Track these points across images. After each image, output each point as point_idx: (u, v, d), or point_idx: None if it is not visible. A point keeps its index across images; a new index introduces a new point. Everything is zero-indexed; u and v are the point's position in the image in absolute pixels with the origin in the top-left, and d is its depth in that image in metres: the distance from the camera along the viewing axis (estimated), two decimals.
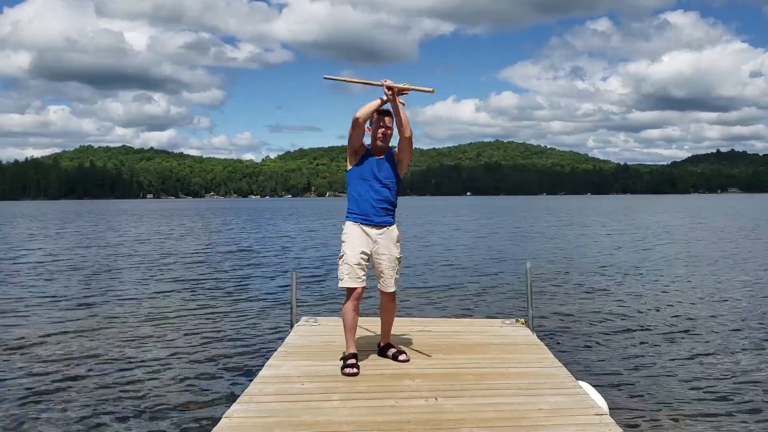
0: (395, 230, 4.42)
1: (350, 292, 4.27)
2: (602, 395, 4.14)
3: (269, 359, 4.48)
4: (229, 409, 3.42)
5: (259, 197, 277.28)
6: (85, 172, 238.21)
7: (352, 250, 4.26)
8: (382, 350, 4.55)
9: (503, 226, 35.32)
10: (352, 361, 4.14)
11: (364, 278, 4.28)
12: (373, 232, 4.32)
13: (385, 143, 4.38)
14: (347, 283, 4.24)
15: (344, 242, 4.32)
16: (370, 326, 5.18)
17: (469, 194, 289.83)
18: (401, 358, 4.40)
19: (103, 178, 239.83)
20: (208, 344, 7.51)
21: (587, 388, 4.01)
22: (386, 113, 4.37)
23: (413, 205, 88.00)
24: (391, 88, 4.20)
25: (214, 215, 58.52)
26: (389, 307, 4.51)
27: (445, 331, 5.42)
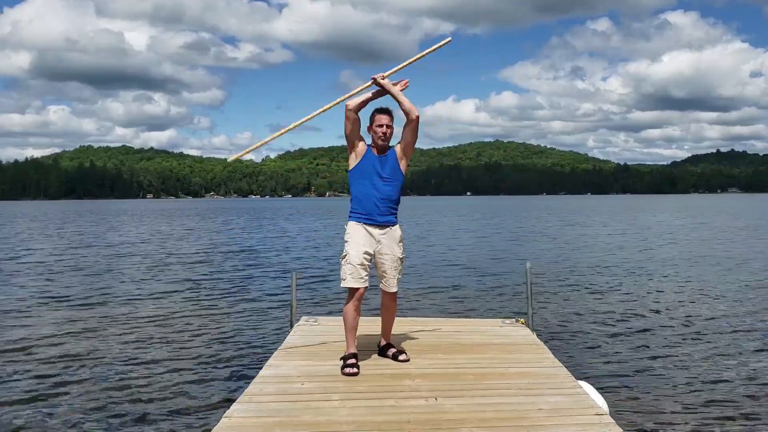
0: (398, 230, 4.41)
1: (352, 292, 4.26)
2: (602, 395, 4.14)
3: (269, 359, 4.48)
4: (229, 409, 3.42)
5: (259, 197, 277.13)
6: (85, 172, 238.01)
7: (355, 250, 4.25)
8: (382, 350, 4.55)
9: (503, 226, 35.31)
10: (352, 361, 4.14)
11: (367, 278, 4.27)
12: (376, 232, 4.31)
13: (386, 142, 4.37)
14: (350, 283, 4.23)
15: (347, 242, 4.31)
16: (370, 326, 5.18)
17: (469, 194, 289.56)
18: (401, 358, 4.40)
19: (103, 178, 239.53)
20: (208, 344, 7.51)
21: (587, 388, 4.01)
22: (385, 111, 4.37)
23: (413, 205, 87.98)
24: (378, 82, 4.28)
25: (214, 215, 58.52)
26: (390, 306, 4.50)
27: (445, 331, 5.42)
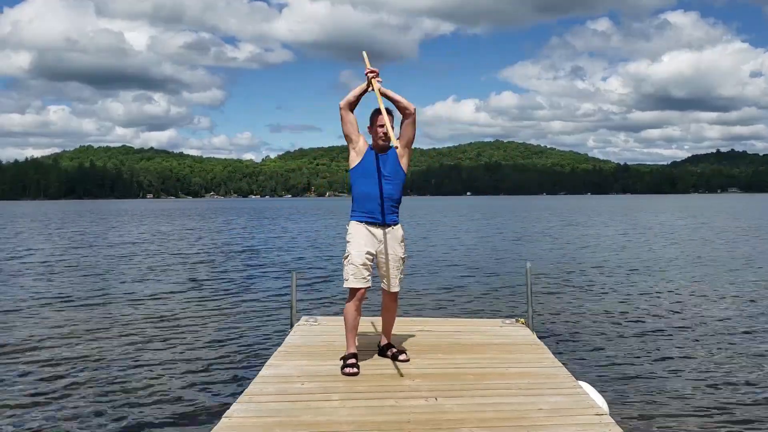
0: (400, 230, 4.41)
1: (354, 292, 4.25)
2: (602, 395, 4.14)
3: (269, 359, 4.48)
4: (229, 409, 3.42)
5: (259, 197, 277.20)
6: (85, 172, 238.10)
7: (357, 250, 4.24)
8: (382, 350, 4.55)
9: (503, 226, 35.31)
10: (352, 360, 4.13)
11: (369, 278, 4.26)
12: (378, 232, 4.31)
13: (386, 141, 4.36)
14: (353, 283, 4.22)
15: (349, 242, 4.30)
16: (370, 326, 5.18)
17: (469, 194, 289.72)
18: (401, 358, 4.39)
19: (103, 178, 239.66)
20: (208, 344, 7.51)
21: (587, 388, 4.01)
22: (386, 112, 4.37)
23: (413, 205, 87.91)
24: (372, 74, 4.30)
25: (214, 215, 58.51)
26: (391, 306, 4.50)
27: (445, 331, 5.42)
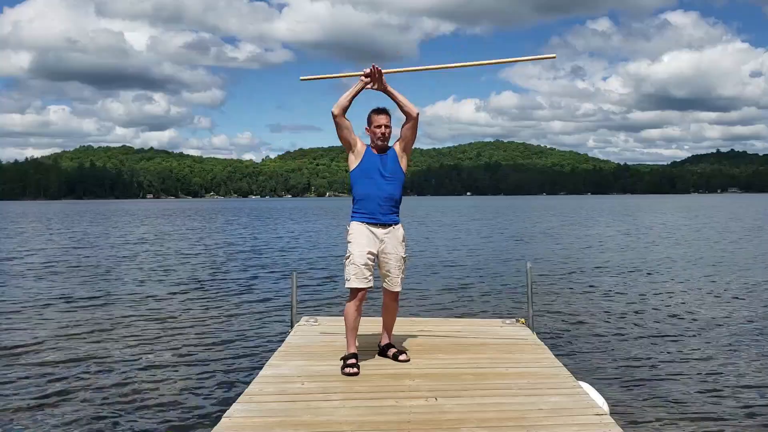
0: (400, 229, 4.42)
1: (354, 292, 4.25)
2: (602, 395, 4.14)
3: (269, 359, 4.48)
4: (229, 409, 3.42)
5: (259, 197, 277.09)
6: (85, 172, 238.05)
7: (359, 250, 4.24)
8: (382, 350, 4.55)
9: (503, 226, 35.31)
10: (352, 361, 4.13)
11: (371, 279, 4.27)
12: (379, 231, 4.31)
13: (385, 142, 4.38)
14: (354, 283, 4.22)
15: (350, 242, 4.30)
16: (370, 326, 5.18)
17: (469, 194, 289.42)
18: (401, 358, 4.39)
19: (103, 178, 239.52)
20: (208, 344, 7.52)
21: (587, 388, 4.01)
22: (382, 112, 4.37)
23: (413, 205, 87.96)
24: (370, 75, 4.25)
25: (214, 215, 58.52)
26: (392, 306, 4.50)
27: (445, 331, 5.43)
